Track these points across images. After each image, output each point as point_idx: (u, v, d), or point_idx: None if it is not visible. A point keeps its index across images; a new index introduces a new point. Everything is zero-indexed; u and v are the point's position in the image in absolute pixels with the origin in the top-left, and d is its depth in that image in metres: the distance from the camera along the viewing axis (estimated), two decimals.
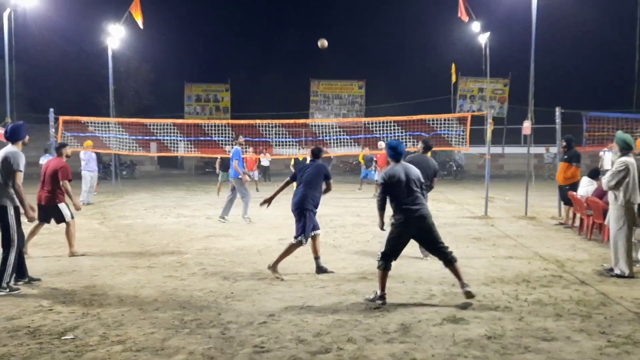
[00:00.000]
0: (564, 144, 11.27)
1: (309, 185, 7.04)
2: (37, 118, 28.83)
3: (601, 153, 16.40)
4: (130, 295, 6.04)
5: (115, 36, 19.01)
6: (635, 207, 7.01)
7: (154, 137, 15.82)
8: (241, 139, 12.82)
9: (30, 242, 8.10)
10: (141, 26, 17.79)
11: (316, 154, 7.43)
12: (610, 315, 5.32)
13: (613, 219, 7.06)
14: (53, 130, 13.77)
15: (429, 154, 8.42)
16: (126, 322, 5.12)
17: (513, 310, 5.51)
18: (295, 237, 6.97)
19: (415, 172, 6.01)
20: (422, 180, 6.06)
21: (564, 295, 6.04)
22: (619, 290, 6.23)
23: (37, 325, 5.02)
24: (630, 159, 7.01)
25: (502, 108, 34.61)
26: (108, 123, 15.85)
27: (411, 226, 5.81)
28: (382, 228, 6.15)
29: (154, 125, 15.62)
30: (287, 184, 7.37)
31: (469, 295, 5.71)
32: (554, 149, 26.68)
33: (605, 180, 7.15)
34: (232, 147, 12.46)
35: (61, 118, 14.41)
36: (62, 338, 4.69)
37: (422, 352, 4.39)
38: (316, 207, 7.13)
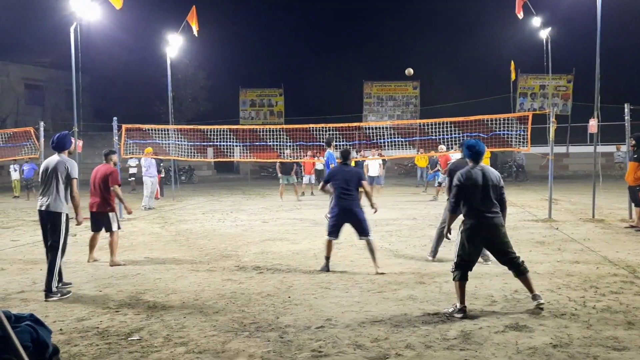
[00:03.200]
0: (633, 142, 10.70)
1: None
2: (102, 126, 30.27)
3: None
4: (192, 298, 6.19)
5: (173, 45, 19.65)
6: None
7: (210, 143, 16.21)
8: (333, 143, 13.08)
9: (96, 247, 8.45)
10: (196, 34, 18.30)
11: (345, 156, 7.74)
12: None
13: None
14: (117, 137, 14.35)
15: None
16: (188, 324, 5.25)
17: (580, 317, 5.27)
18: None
19: (495, 176, 5.62)
20: (502, 184, 5.67)
21: (636, 302, 5.72)
22: None
23: (106, 327, 5.23)
24: None
25: (565, 105, 33.31)
26: (167, 130, 16.37)
27: (482, 233, 5.49)
28: (447, 236, 5.92)
29: (210, 131, 16.01)
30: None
31: (540, 308, 5.44)
32: (624, 148, 25.48)
33: None
34: (326, 151, 12.68)
35: (124, 126, 15.01)
36: (129, 339, 4.86)
37: None
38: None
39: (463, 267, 5.56)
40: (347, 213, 7.36)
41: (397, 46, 42.91)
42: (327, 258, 7.49)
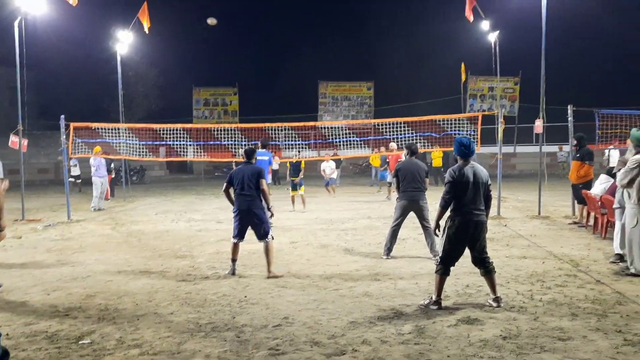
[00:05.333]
0: (575, 142, 11.20)
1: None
2: (49, 125, 29.15)
3: (606, 151, 16.11)
4: (145, 300, 6.07)
5: (123, 42, 19.14)
6: None
7: (163, 142, 15.91)
8: (269, 144, 12.88)
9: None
10: (147, 31, 17.90)
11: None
12: (626, 314, 5.28)
13: (628, 217, 6.99)
14: (64, 136, 13.87)
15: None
16: (142, 326, 5.15)
17: (528, 310, 5.48)
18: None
19: (485, 174, 5.70)
20: (489, 183, 5.75)
21: (579, 294, 6.00)
22: (635, 289, 6.17)
23: (55, 331, 5.06)
24: None
25: (513, 107, 34.44)
26: (118, 129, 15.95)
27: (469, 230, 5.58)
28: (436, 232, 5.88)
29: (163, 130, 15.70)
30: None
31: (497, 304, 5.59)
32: (567, 148, 26.54)
33: (618, 177, 7.09)
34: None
35: (72, 124, 14.52)
36: (80, 342, 4.72)
37: (438, 353, 4.38)
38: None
39: (448, 262, 5.68)
40: (247, 214, 7.11)
41: (352, 47, 43.32)
42: (234, 260, 7.21)
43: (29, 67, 13.79)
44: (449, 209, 5.69)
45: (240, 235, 7.27)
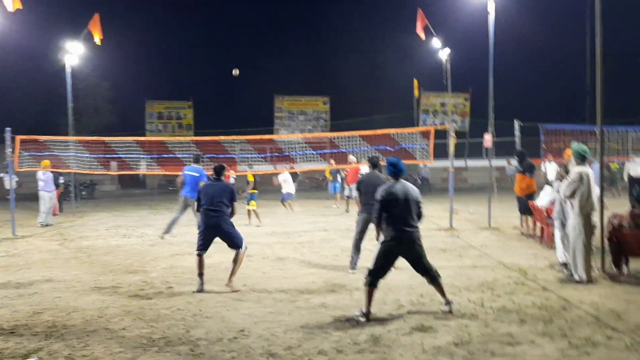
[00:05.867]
0: (517, 157, 11.69)
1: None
2: None
3: (542, 164, 16.73)
4: (95, 316, 5.90)
5: (73, 53, 18.69)
6: (591, 214, 7.28)
7: (115, 156, 15.54)
8: (201, 159, 12.61)
9: None
10: (98, 42, 17.54)
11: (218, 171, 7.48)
12: (570, 319, 5.50)
13: (571, 227, 7.31)
14: (10, 150, 13.36)
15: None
16: (92, 342, 5.00)
17: (479, 317, 5.63)
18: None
19: (415, 192, 5.90)
20: (420, 200, 5.96)
21: (527, 301, 6.21)
22: (579, 295, 6.44)
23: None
24: (585, 169, 7.30)
25: (464, 122, 35.47)
26: (67, 142, 15.49)
27: (401, 246, 5.76)
28: (377, 238, 6.04)
29: (115, 143, 15.35)
30: None
31: (449, 308, 5.77)
32: (514, 162, 27.51)
33: (561, 189, 7.42)
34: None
35: (18, 137, 14.01)
36: None
37: None
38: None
39: (376, 274, 5.77)
40: (214, 230, 7.05)
41: (308, 62, 43.70)
42: (201, 275, 7.00)
43: None
44: (384, 226, 5.85)
45: (204, 247, 7.14)
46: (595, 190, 7.47)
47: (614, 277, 7.23)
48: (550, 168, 15.44)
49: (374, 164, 8.42)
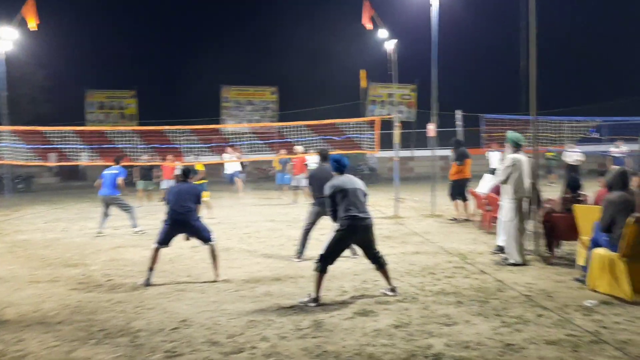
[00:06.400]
0: (453, 146, 12.18)
1: None
2: None
3: (486, 153, 17.35)
4: (31, 311, 5.70)
5: (6, 39, 17.78)
6: (525, 200, 7.62)
7: (53, 146, 14.93)
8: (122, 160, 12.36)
9: None
10: (35, 27, 16.74)
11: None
12: (505, 299, 5.76)
13: (504, 212, 7.63)
14: None
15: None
16: (26, 337, 4.84)
17: (419, 300, 5.81)
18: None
19: (360, 183, 6.15)
20: (366, 192, 6.16)
21: (465, 284, 6.45)
22: (513, 277, 6.75)
23: None
24: (519, 156, 7.63)
25: (410, 113, 36.09)
26: (1, 132, 14.77)
27: (356, 233, 5.94)
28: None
29: (52, 133, 14.75)
30: None
31: (394, 293, 5.98)
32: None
33: (496, 175, 7.72)
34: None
35: None
36: None
37: (334, 345, 4.53)
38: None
39: (327, 261, 5.88)
40: (181, 225, 7.03)
41: (255, 52, 43.28)
42: (151, 269, 6.85)
43: None
44: (339, 215, 5.97)
45: (164, 242, 6.99)
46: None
47: (547, 259, 7.59)
48: (493, 156, 16.01)
49: (324, 156, 8.46)
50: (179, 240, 7.29)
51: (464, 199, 11.81)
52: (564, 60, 36.32)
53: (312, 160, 17.71)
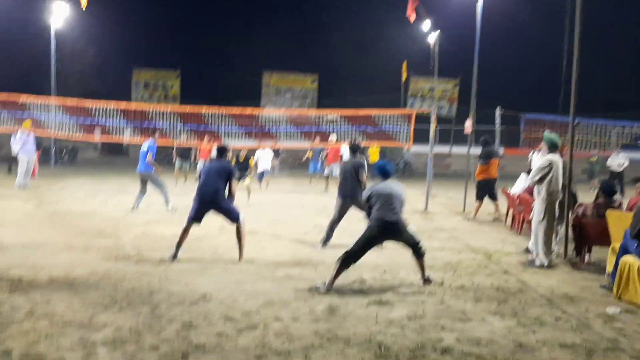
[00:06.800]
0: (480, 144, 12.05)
1: None
2: None
3: (530, 154, 16.99)
4: (62, 276, 5.98)
5: (58, 14, 18.37)
6: (557, 202, 7.47)
7: (97, 122, 15.43)
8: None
9: None
10: (83, 7, 17.24)
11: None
12: (524, 301, 5.69)
13: (535, 213, 7.50)
14: None
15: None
16: (55, 299, 5.09)
17: (436, 294, 5.81)
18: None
19: (400, 190, 6.38)
20: (404, 200, 6.38)
21: (487, 282, 6.40)
22: (537, 279, 6.64)
23: None
24: (554, 157, 7.47)
25: (451, 109, 35.57)
26: (48, 105, 15.33)
27: (386, 234, 6.17)
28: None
29: (97, 109, 15.23)
30: None
31: (426, 282, 6.17)
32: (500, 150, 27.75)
33: (530, 175, 7.58)
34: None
35: None
36: None
37: (344, 330, 4.59)
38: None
39: (353, 256, 6.01)
40: (210, 204, 7.16)
41: (299, 39, 43.32)
42: (179, 245, 7.05)
43: None
44: (373, 214, 6.22)
45: (195, 219, 7.18)
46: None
47: (575, 264, 7.43)
48: (536, 159, 15.70)
49: (353, 149, 8.56)
50: (208, 219, 7.46)
51: (494, 199, 11.67)
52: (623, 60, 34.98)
53: (346, 151, 17.76)
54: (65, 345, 4.05)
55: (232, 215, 7.29)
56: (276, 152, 24.22)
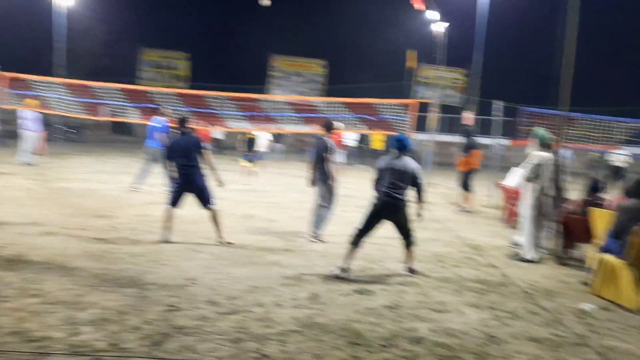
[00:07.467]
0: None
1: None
2: None
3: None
4: (55, 254, 6.16)
5: None
6: (548, 198, 7.56)
7: (100, 101, 15.58)
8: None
9: None
10: None
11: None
12: (504, 294, 5.82)
13: (524, 208, 7.60)
14: None
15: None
16: (46, 278, 5.27)
17: (419, 285, 5.95)
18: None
19: (412, 166, 6.30)
20: (416, 174, 6.30)
21: (470, 274, 6.53)
22: (520, 273, 6.77)
23: None
24: (545, 154, 7.54)
25: (458, 97, 35.37)
26: (52, 83, 15.49)
27: (386, 210, 6.24)
28: None
29: (100, 89, 15.36)
30: None
31: (411, 272, 6.31)
32: (504, 141, 27.62)
33: (524, 172, 7.66)
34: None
35: (5, 75, 14.02)
36: None
37: (324, 317, 4.75)
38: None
39: (360, 234, 6.24)
40: (188, 184, 7.26)
41: (308, 23, 43.05)
42: (167, 228, 7.22)
43: None
44: (376, 191, 6.36)
45: (174, 203, 7.32)
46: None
47: (561, 259, 7.53)
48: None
49: (327, 126, 8.20)
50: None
51: (468, 190, 11.86)
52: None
53: (349, 137, 17.87)
54: (52, 323, 4.23)
55: (206, 197, 7.31)
56: (278, 136, 24.30)
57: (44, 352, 3.77)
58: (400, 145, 6.41)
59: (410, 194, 6.34)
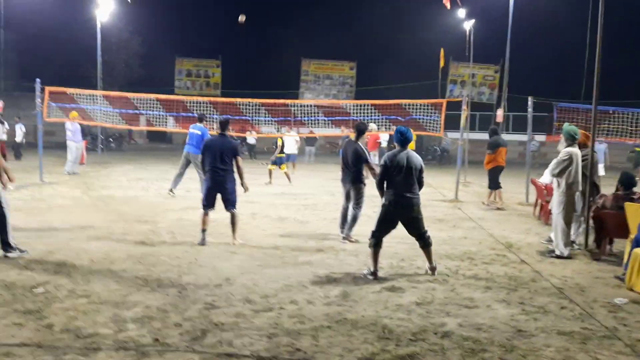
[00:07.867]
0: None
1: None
2: (28, 87, 28.96)
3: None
4: (101, 258, 6.53)
5: (103, 7, 19.19)
6: (577, 194, 7.55)
7: (137, 112, 16.14)
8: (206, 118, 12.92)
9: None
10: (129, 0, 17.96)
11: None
12: (534, 290, 5.87)
13: (555, 204, 7.59)
14: (39, 100, 14.09)
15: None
16: (94, 280, 5.63)
17: (449, 282, 6.05)
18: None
19: (417, 161, 6.27)
20: (422, 169, 6.29)
21: (501, 272, 6.58)
22: (552, 269, 6.79)
23: (12, 280, 5.51)
24: (574, 150, 7.53)
25: (492, 95, 34.97)
26: (94, 96, 16.16)
27: (399, 211, 6.20)
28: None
29: (138, 100, 15.93)
30: None
31: (432, 272, 6.29)
32: (540, 137, 27.20)
33: (550, 168, 7.66)
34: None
35: (47, 88, 14.70)
36: (34, 290, 5.20)
37: (354, 314, 4.93)
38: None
39: (378, 235, 6.23)
40: (218, 185, 7.48)
41: (337, 26, 43.30)
42: (204, 231, 7.48)
43: (9, 28, 13.88)
44: (386, 190, 6.27)
45: (209, 204, 7.60)
46: (600, 172, 7.69)
47: (595, 255, 7.50)
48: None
49: (359, 130, 8.24)
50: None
51: (497, 187, 11.83)
52: None
53: (384, 138, 17.96)
54: (100, 321, 4.54)
55: (231, 201, 7.57)
56: (309, 140, 24.58)
57: (94, 347, 4.07)
58: (403, 139, 6.28)
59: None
